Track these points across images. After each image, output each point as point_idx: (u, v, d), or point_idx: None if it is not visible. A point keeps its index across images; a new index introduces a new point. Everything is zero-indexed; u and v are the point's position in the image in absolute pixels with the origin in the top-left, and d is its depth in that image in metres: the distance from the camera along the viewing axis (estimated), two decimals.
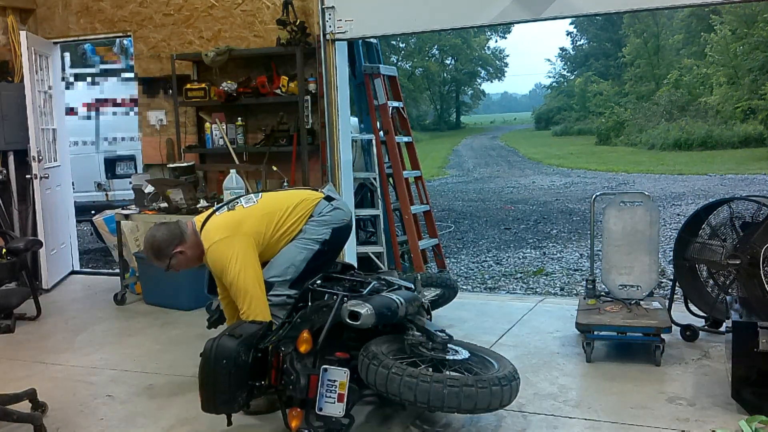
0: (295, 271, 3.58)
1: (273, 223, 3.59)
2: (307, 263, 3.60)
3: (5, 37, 6.51)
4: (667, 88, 33.64)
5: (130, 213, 5.84)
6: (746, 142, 24.36)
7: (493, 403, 3.02)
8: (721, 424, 3.24)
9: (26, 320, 5.45)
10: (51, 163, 6.55)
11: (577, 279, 7.36)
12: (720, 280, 4.44)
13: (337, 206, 3.77)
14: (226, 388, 3.04)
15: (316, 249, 3.62)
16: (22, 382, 3.98)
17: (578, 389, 3.83)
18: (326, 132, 5.58)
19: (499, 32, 55.60)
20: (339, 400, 2.99)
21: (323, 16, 5.46)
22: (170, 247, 3.53)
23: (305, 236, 3.63)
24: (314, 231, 3.64)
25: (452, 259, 8.55)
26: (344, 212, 3.80)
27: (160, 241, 3.53)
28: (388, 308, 3.17)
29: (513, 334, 4.79)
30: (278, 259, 3.61)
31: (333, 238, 3.69)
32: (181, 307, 5.60)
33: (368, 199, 6.60)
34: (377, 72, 6.35)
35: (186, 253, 3.56)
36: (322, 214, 3.69)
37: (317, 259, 3.63)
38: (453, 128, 56.54)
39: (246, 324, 3.31)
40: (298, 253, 3.60)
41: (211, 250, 3.48)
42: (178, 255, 3.55)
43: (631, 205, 4.54)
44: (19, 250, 5.19)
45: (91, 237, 10.15)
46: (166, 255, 3.54)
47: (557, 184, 17.39)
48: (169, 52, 6.21)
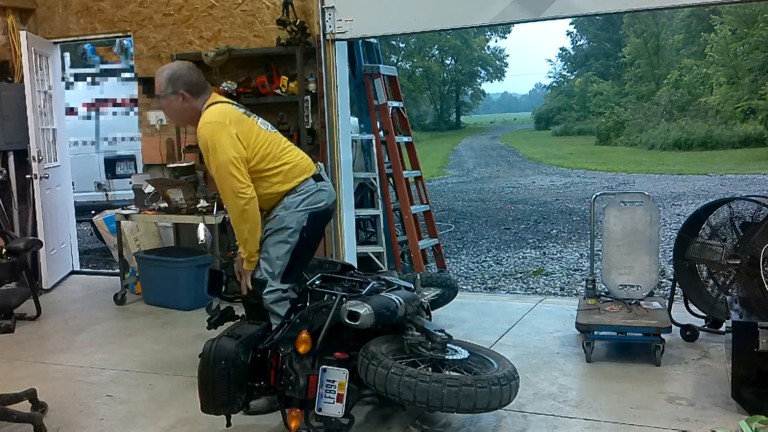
0: (282, 264, 3.56)
1: (267, 156, 3.55)
2: (292, 253, 3.57)
3: (5, 37, 6.51)
4: (667, 88, 33.65)
5: (130, 213, 5.84)
6: (746, 142, 24.36)
7: (493, 403, 3.02)
8: (721, 424, 3.24)
9: (26, 320, 5.45)
10: (51, 163, 6.55)
11: (577, 279, 7.36)
12: (720, 280, 4.44)
13: (322, 188, 3.67)
14: (225, 389, 3.04)
15: (297, 239, 3.57)
16: (22, 382, 3.98)
17: (578, 389, 3.83)
18: (326, 132, 5.58)
19: (499, 32, 55.62)
20: (338, 401, 2.98)
21: (323, 16, 5.46)
22: (184, 86, 3.52)
23: (283, 226, 3.56)
24: (292, 219, 3.56)
25: (452, 259, 8.55)
26: (327, 194, 3.69)
27: (185, 75, 3.53)
28: (388, 308, 3.17)
29: (513, 334, 4.79)
30: (264, 257, 3.58)
31: (311, 223, 3.60)
32: (181, 307, 5.60)
33: (368, 199, 6.59)
34: (377, 72, 6.35)
35: (185, 104, 3.54)
36: (303, 192, 3.59)
37: (301, 246, 3.59)
38: (453, 128, 56.54)
39: (245, 325, 3.31)
40: (281, 247, 3.56)
41: (206, 128, 3.44)
42: (180, 96, 3.52)
43: (631, 205, 4.54)
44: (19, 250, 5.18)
45: (91, 237, 10.15)
46: (175, 86, 3.52)
47: (557, 184, 17.39)
48: (169, 52, 6.21)
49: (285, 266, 3.55)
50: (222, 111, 3.52)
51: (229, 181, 3.41)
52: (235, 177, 3.40)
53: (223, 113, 3.50)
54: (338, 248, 5.68)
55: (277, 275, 3.55)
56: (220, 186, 3.47)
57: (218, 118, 3.46)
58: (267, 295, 3.53)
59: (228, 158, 3.39)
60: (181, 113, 3.61)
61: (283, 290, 3.56)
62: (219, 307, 3.99)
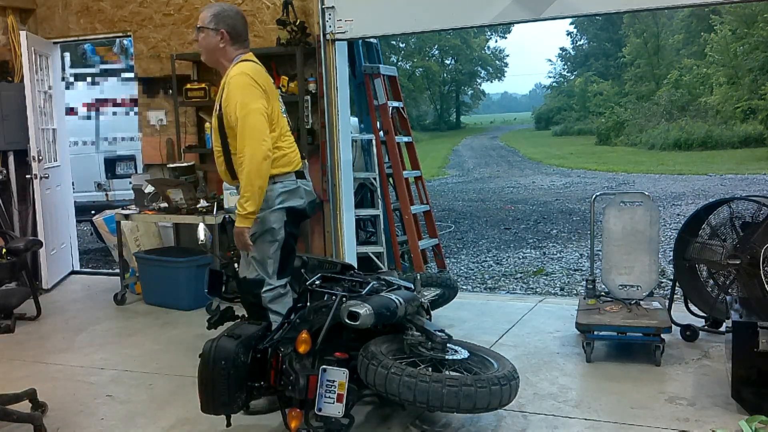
0: (274, 261, 3.61)
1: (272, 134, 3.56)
2: (281, 250, 3.61)
3: (5, 37, 6.51)
4: (667, 88, 33.66)
5: (130, 213, 5.84)
6: (746, 142, 24.36)
7: (493, 403, 3.02)
8: (721, 424, 3.24)
9: (26, 320, 5.45)
10: (51, 163, 6.55)
11: (577, 279, 7.36)
12: (720, 280, 4.44)
13: (302, 185, 3.69)
14: (225, 390, 3.04)
15: (284, 235, 3.61)
16: (22, 382, 3.98)
17: (578, 389, 3.83)
18: (326, 132, 5.58)
19: (499, 32, 55.64)
20: (338, 401, 2.98)
21: (323, 16, 5.46)
22: (227, 27, 3.57)
23: (267, 228, 3.57)
24: (274, 219, 3.57)
25: (452, 259, 8.55)
26: (306, 192, 3.70)
27: (232, 18, 3.60)
28: (387, 308, 3.17)
29: (513, 334, 4.79)
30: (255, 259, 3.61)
31: (290, 218, 3.65)
32: (181, 307, 5.60)
33: (368, 199, 6.59)
34: (377, 72, 6.35)
35: (220, 45, 3.58)
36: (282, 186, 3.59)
37: (287, 241, 3.64)
38: (453, 128, 56.53)
39: (245, 325, 3.31)
40: (270, 245, 3.60)
41: (242, 77, 3.48)
42: (219, 35, 3.57)
43: (631, 205, 4.54)
44: (19, 250, 5.19)
45: (91, 237, 10.15)
46: (218, 23, 3.57)
47: (557, 184, 17.39)
48: (169, 52, 6.21)
49: (277, 263, 3.60)
50: (259, 72, 3.59)
51: (259, 126, 3.41)
52: (264, 125, 3.44)
53: (259, 73, 3.57)
54: (338, 248, 5.68)
55: (272, 273, 3.61)
56: (244, 132, 3.41)
57: (255, 76, 3.52)
58: (265, 293, 3.58)
59: (260, 107, 3.44)
60: (213, 52, 3.64)
61: (281, 286, 3.61)
62: (219, 307, 3.98)
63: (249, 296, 3.66)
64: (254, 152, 3.39)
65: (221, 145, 3.62)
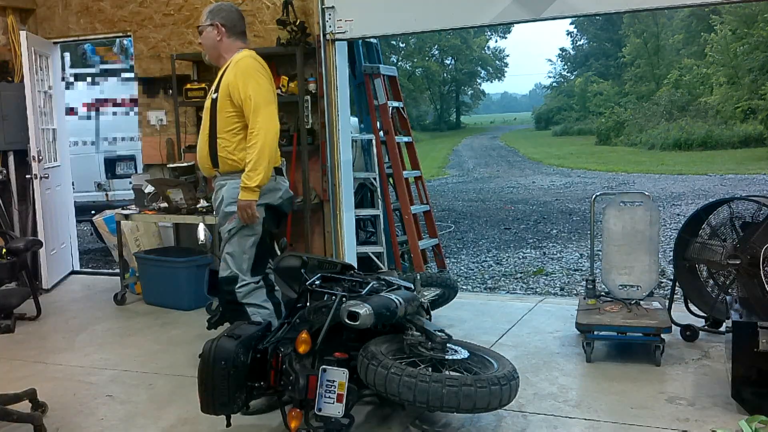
0: (249, 257, 3.67)
1: None
2: (257, 246, 3.68)
3: (5, 37, 6.51)
4: (667, 88, 33.67)
5: (130, 213, 5.84)
6: (746, 142, 24.36)
7: (492, 403, 3.02)
8: (721, 424, 3.24)
9: (26, 320, 5.45)
10: (51, 163, 6.55)
11: (577, 279, 7.35)
12: (720, 280, 4.44)
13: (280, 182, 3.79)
14: (225, 390, 3.04)
15: (260, 230, 3.68)
16: (22, 382, 3.98)
17: (578, 389, 3.83)
18: (326, 132, 5.58)
19: (499, 32, 55.69)
20: (338, 401, 2.98)
21: (323, 16, 5.46)
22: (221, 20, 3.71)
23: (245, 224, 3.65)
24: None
25: (452, 259, 8.55)
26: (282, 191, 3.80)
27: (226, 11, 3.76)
28: (387, 308, 3.17)
29: (513, 334, 4.79)
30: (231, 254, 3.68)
31: (268, 214, 3.72)
32: (181, 307, 5.60)
33: (368, 199, 6.59)
34: (377, 72, 6.35)
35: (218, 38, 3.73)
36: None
37: (263, 237, 3.72)
38: (453, 128, 56.55)
39: (245, 325, 3.31)
40: (246, 240, 3.66)
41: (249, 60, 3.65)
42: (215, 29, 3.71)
43: (631, 205, 4.54)
44: (19, 250, 5.18)
45: (91, 237, 10.15)
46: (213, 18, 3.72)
47: (557, 184, 17.39)
48: (169, 52, 6.21)
49: (252, 259, 3.67)
50: (262, 62, 3.72)
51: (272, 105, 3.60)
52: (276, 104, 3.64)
53: (262, 64, 3.71)
54: (338, 248, 5.68)
55: (246, 270, 3.67)
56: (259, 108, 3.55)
57: (263, 64, 3.69)
58: (240, 289, 3.65)
59: (271, 88, 3.63)
60: (214, 48, 3.77)
61: (254, 282, 3.68)
62: (219, 307, 3.99)
63: (225, 294, 3.70)
64: (269, 127, 3.53)
65: (209, 129, 3.68)
